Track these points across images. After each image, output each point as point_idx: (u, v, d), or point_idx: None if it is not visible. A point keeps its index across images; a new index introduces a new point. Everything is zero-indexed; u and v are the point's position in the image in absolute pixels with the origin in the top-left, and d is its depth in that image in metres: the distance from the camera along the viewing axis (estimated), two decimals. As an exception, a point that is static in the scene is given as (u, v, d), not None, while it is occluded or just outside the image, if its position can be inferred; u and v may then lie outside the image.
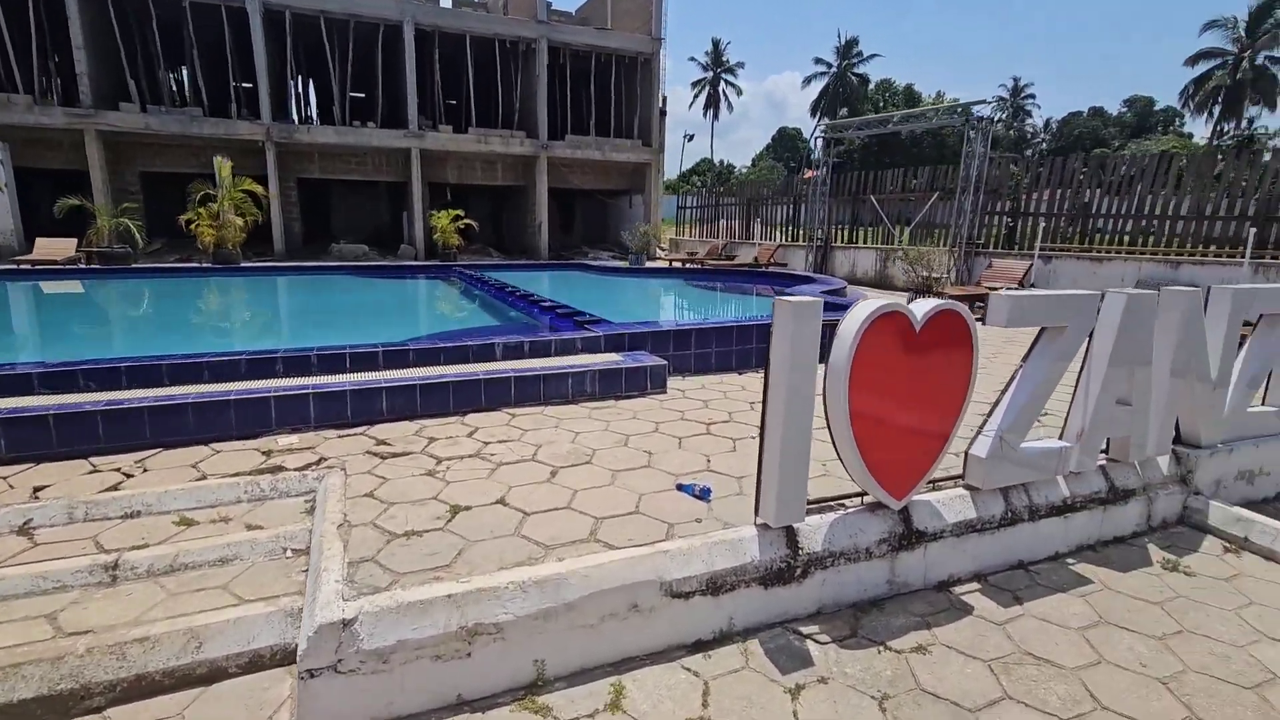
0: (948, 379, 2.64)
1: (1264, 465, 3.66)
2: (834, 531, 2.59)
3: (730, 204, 18.58)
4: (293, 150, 17.76)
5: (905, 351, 2.52)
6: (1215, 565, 3.05)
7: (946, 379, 2.64)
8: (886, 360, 2.49)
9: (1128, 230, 9.47)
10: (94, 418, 3.36)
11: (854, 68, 64.69)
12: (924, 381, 2.59)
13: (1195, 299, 3.20)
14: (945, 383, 2.64)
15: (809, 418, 2.41)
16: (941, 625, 2.54)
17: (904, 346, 2.51)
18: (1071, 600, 2.73)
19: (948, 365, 2.62)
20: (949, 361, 2.62)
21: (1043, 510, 3.00)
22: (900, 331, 2.50)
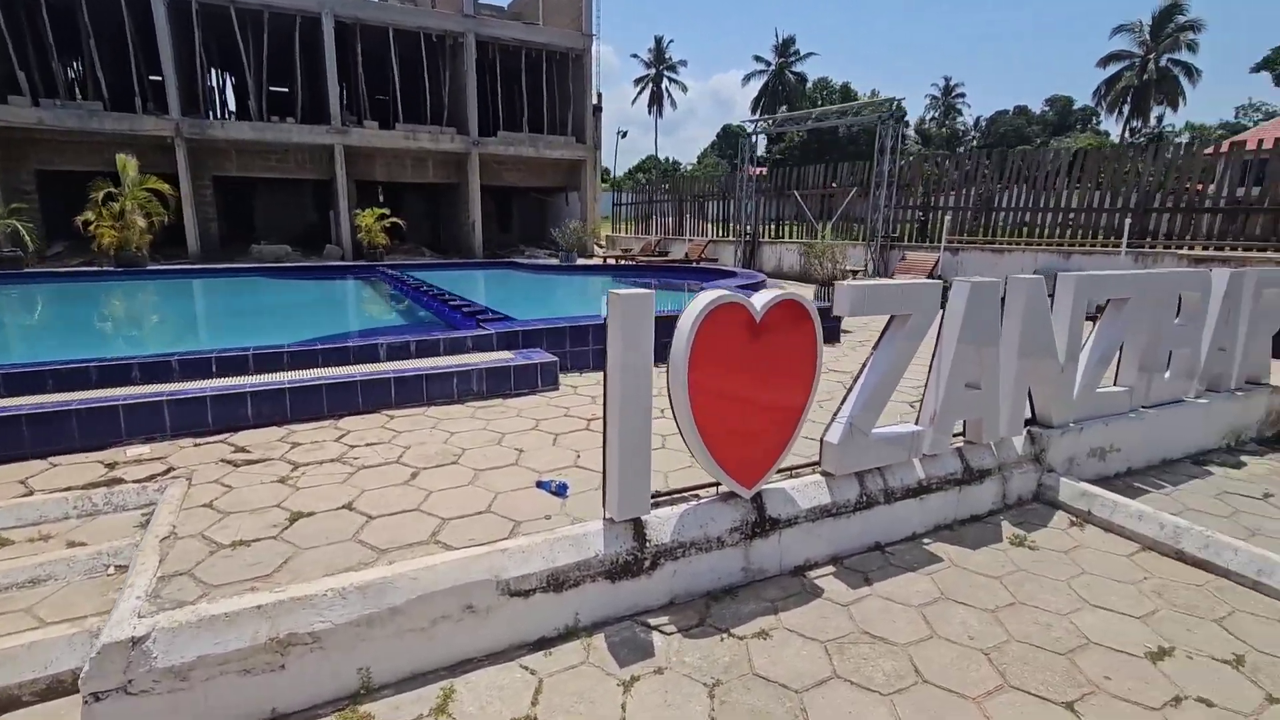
0: (792, 368, 2.69)
1: (1114, 442, 3.88)
2: (684, 522, 2.61)
3: (664, 200, 18.69)
4: (207, 147, 16.92)
5: (746, 342, 2.55)
6: (1059, 539, 3.22)
7: (791, 368, 2.69)
8: (726, 351, 2.52)
9: (1026, 222, 9.98)
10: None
11: (791, 66, 65.95)
12: (768, 372, 2.64)
13: (1038, 285, 3.36)
14: (790, 372, 2.69)
15: (647, 410, 2.42)
16: (789, 609, 2.59)
17: (744, 337, 2.55)
18: (919, 579, 2.83)
19: (791, 355, 2.67)
20: (792, 351, 2.67)
21: (898, 493, 3.10)
22: (740, 322, 2.53)
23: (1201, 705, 2.12)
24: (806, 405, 2.76)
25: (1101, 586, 2.79)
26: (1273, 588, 2.70)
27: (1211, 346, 4.32)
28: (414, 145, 18.71)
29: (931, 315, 3.01)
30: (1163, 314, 3.96)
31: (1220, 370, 4.48)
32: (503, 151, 19.78)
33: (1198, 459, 4.35)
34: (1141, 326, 3.90)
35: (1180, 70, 48.56)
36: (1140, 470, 4.08)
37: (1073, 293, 3.53)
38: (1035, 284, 3.34)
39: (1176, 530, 3.04)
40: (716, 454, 2.59)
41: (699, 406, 2.50)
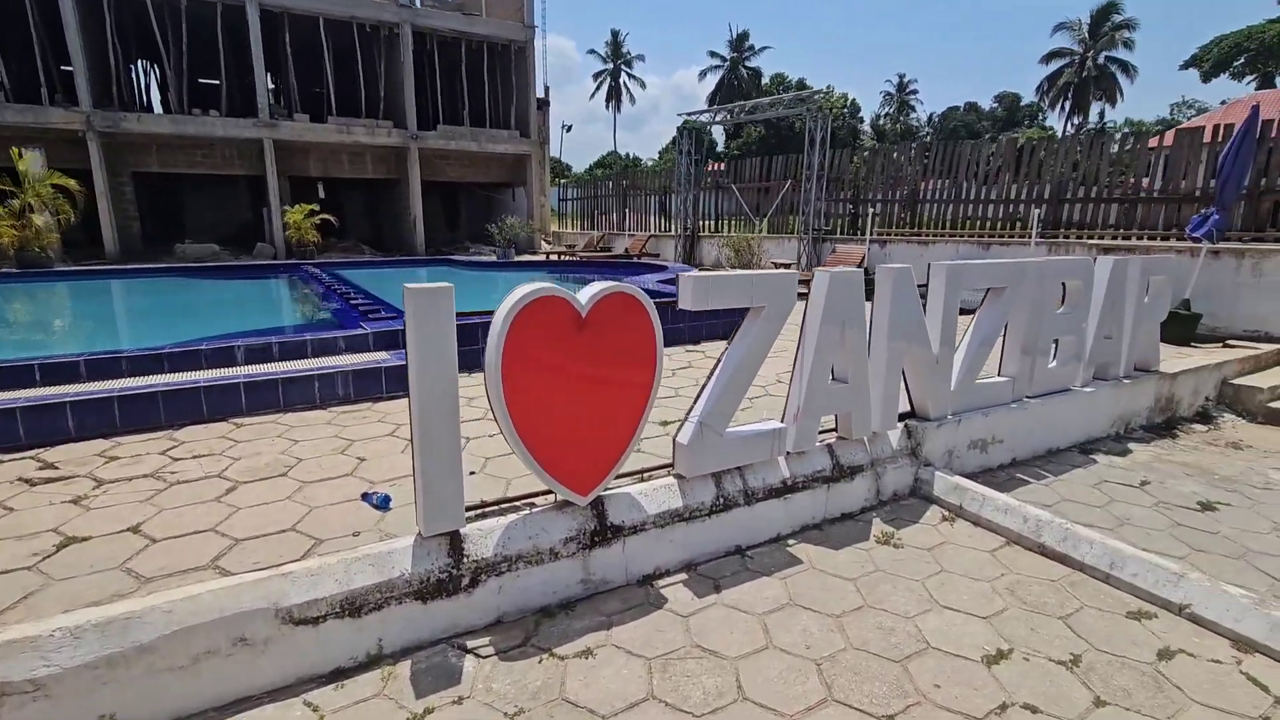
0: (628, 366, 2.52)
1: (996, 433, 3.83)
2: (510, 534, 2.43)
3: (608, 196, 18.47)
4: (123, 142, 16.06)
5: (570, 339, 2.37)
6: (927, 535, 3.13)
7: (626, 366, 2.52)
8: (546, 350, 2.34)
9: (949, 215, 10.09)
10: None
11: (746, 61, 66.29)
12: (599, 370, 2.46)
13: (906, 275, 3.26)
14: (625, 371, 2.52)
15: (451, 414, 2.22)
16: (624, 623, 2.43)
17: (568, 334, 2.37)
18: (771, 584, 2.70)
19: (626, 352, 2.51)
20: (627, 348, 2.51)
21: (760, 493, 2.97)
22: (562, 318, 2.35)
23: (1026, 713, 2.02)
24: (647, 405, 2.60)
25: (956, 585, 2.70)
26: (1123, 581, 2.65)
27: (1097, 335, 4.32)
28: (349, 139, 18.10)
29: (786, 307, 2.88)
30: (1044, 302, 3.92)
31: (1108, 359, 4.49)
32: (443, 146, 19.29)
33: (1085, 448, 4.36)
34: (1021, 315, 3.86)
35: (1118, 67, 50.34)
36: (1025, 461, 4.05)
37: (945, 282, 3.45)
38: (902, 273, 3.25)
39: (1038, 524, 2.98)
40: (544, 460, 2.41)
41: (518, 410, 2.32)
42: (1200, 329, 6.81)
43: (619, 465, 2.60)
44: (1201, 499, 3.61)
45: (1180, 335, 6.61)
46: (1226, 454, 4.44)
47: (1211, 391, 5.39)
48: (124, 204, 16.33)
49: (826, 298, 2.98)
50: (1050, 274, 3.93)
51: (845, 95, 70.01)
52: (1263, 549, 3.11)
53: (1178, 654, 2.30)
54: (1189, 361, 5.40)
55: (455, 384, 2.21)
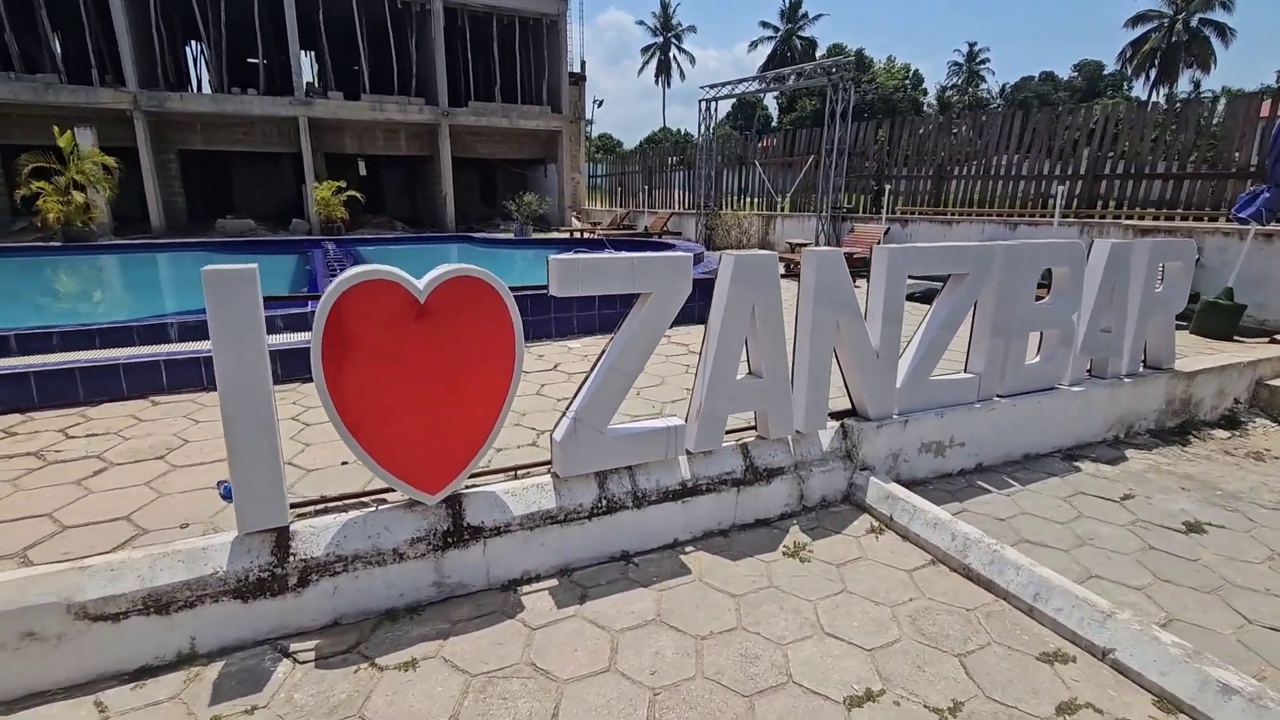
0: (479, 357, 2.31)
1: (955, 435, 3.46)
2: (346, 533, 2.27)
3: (635, 173, 18.09)
4: (168, 120, 16.66)
5: (406, 327, 2.18)
6: (845, 548, 2.83)
7: (477, 357, 2.31)
8: (377, 337, 2.15)
9: (976, 193, 9.32)
10: None
11: (800, 31, 63.85)
12: (445, 361, 2.26)
13: (833, 258, 2.92)
14: (476, 361, 2.31)
15: (265, 404, 2.07)
16: (466, 633, 2.25)
17: (403, 321, 2.17)
18: (645, 596, 2.47)
19: (476, 341, 2.29)
20: (477, 337, 2.29)
21: (653, 495, 2.73)
22: (396, 304, 2.15)
23: (869, 768, 1.75)
24: (506, 398, 2.38)
25: (852, 609, 2.41)
26: (1046, 615, 2.30)
27: (1090, 327, 3.84)
28: (381, 116, 18.27)
29: (679, 293, 2.60)
30: (1017, 291, 3.49)
31: (1104, 354, 4.00)
32: (474, 122, 19.26)
33: (1072, 453, 3.91)
34: (989, 305, 3.45)
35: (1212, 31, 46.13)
36: (993, 467, 3.66)
37: (886, 266, 3.08)
38: (829, 257, 2.91)
39: (965, 543, 2.64)
40: (382, 456, 2.24)
41: (347, 403, 2.14)
42: (1246, 321, 6.09)
43: (475, 462, 2.40)
44: (1190, 519, 3.16)
45: (1220, 328, 5.93)
46: (1242, 465, 3.92)
47: (1243, 393, 4.79)
48: (169, 180, 16.99)
49: (730, 281, 2.69)
50: (1027, 259, 3.48)
51: (907, 66, 66.79)
52: (1245, 582, 2.68)
53: (1083, 709, 1.96)
54: (1217, 358, 4.80)
55: (265, 369, 2.04)
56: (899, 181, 10.14)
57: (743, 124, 73.44)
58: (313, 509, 2.38)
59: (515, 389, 2.40)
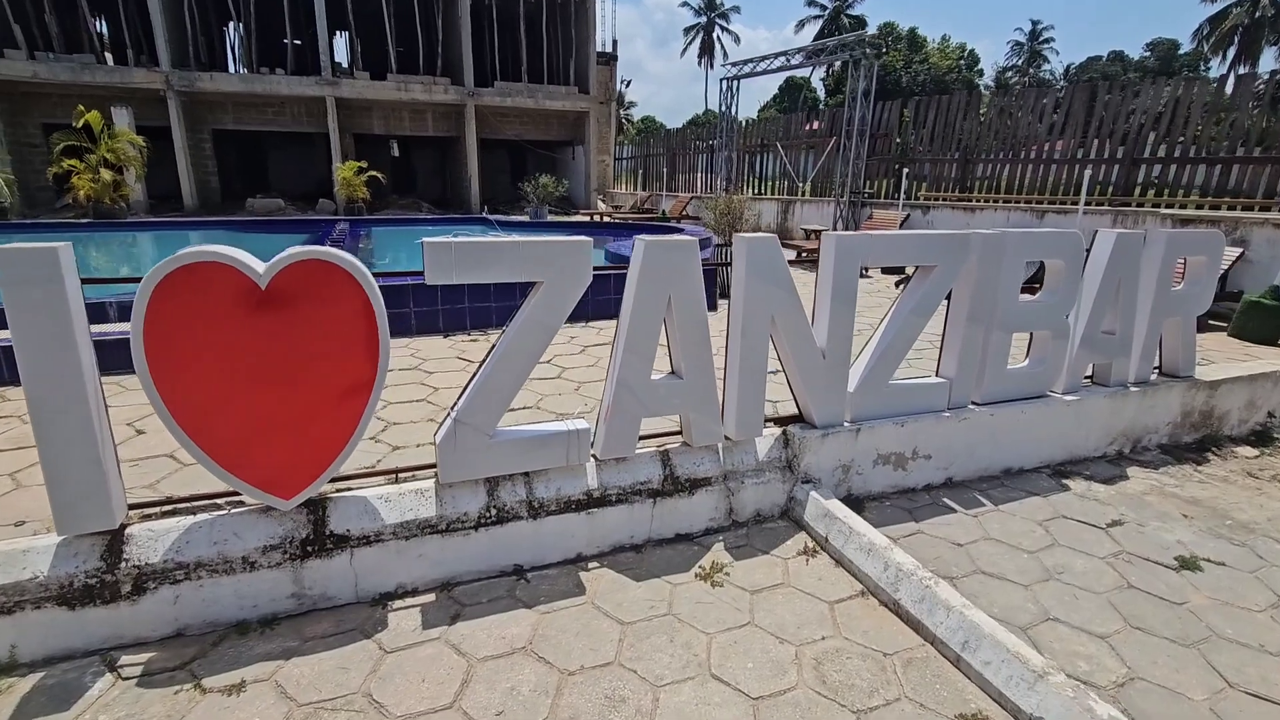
0: (336, 348, 2.08)
1: (919, 446, 3.09)
2: (190, 538, 2.09)
3: (658, 155, 17.67)
4: (201, 100, 16.97)
5: (244, 315, 1.96)
6: (767, 572, 2.53)
7: (334, 349, 2.08)
8: (208, 327, 1.93)
9: (1003, 176, 8.63)
10: None
11: (848, 9, 61.59)
12: (294, 355, 2.03)
13: (767, 245, 2.59)
14: (333, 354, 2.08)
15: (79, 394, 1.88)
16: (312, 654, 2.05)
17: (239, 309, 1.95)
18: (524, 619, 2.23)
19: (332, 332, 2.06)
20: (330, 328, 2.06)
21: (552, 505, 2.48)
22: (229, 289, 1.93)
23: None
24: (371, 396, 2.15)
25: (752, 647, 2.12)
26: (973, 668, 1.97)
27: (1089, 329, 3.41)
28: (407, 97, 18.26)
29: (576, 282, 2.32)
30: (997, 286, 3.08)
31: (1106, 359, 3.56)
32: (500, 103, 19.09)
33: (1063, 469, 3.50)
34: (963, 301, 3.06)
35: (1301, 5, 42.55)
36: (966, 482, 3.28)
37: (834, 255, 2.73)
38: (761, 242, 2.57)
39: (898, 574, 2.31)
40: (224, 458, 2.04)
41: (178, 399, 1.94)
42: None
43: (338, 464, 2.18)
44: (1185, 553, 2.75)
45: (1263, 331, 5.33)
46: (1264, 490, 3.44)
47: (1278, 406, 4.25)
48: (203, 159, 17.35)
49: (642, 269, 2.39)
50: (1011, 249, 3.07)
51: (963, 46, 63.77)
52: (1236, 634, 2.28)
53: (988, 792, 1.64)
54: (1250, 366, 4.26)
55: (79, 358, 1.85)
56: (923, 165, 9.52)
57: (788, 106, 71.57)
58: (159, 510, 2.20)
59: (381, 385, 2.16)
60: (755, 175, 13.47)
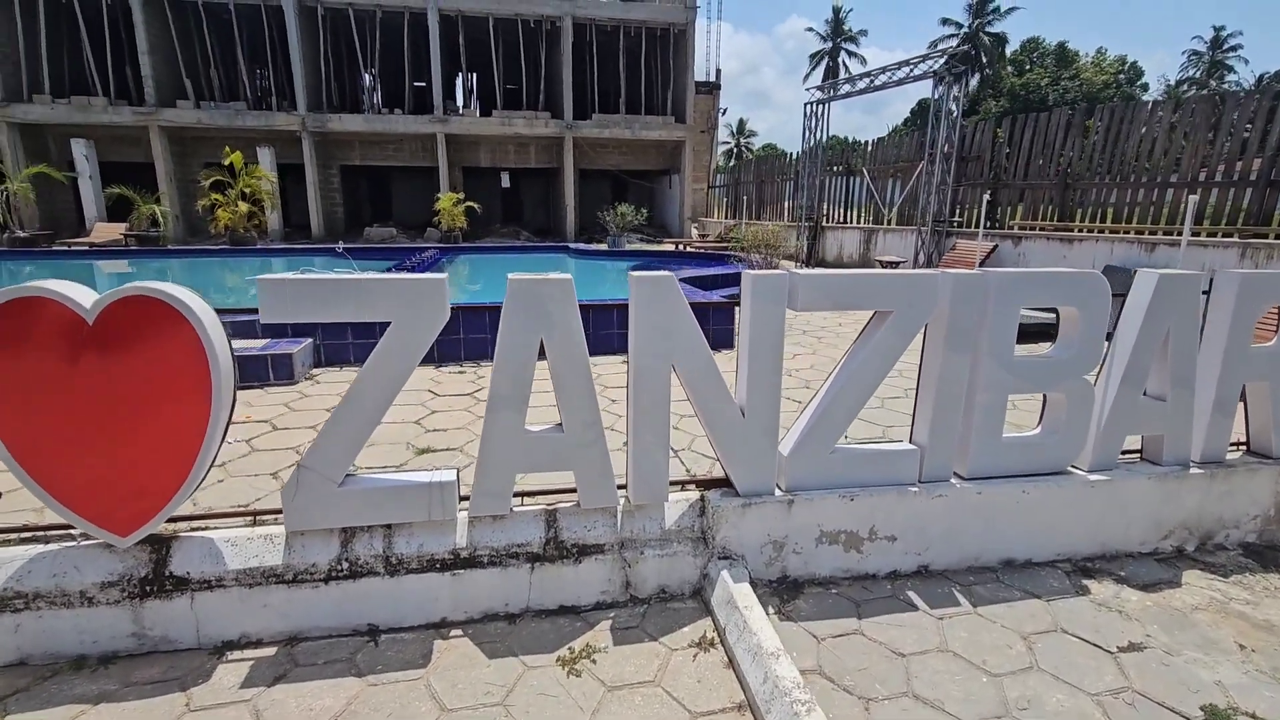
0: (161, 388, 2.03)
1: (878, 526, 2.60)
2: (30, 568, 2.10)
3: (748, 183, 17.26)
4: (331, 139, 18.85)
5: (75, 350, 1.96)
6: (641, 665, 2.17)
7: (160, 389, 2.03)
8: (44, 366, 1.94)
9: (1111, 202, 7.40)
10: None
11: (988, 26, 57.86)
12: (121, 390, 2.00)
13: (663, 281, 2.27)
14: (159, 393, 2.03)
15: (-87, 428, 1.94)
16: (120, 701, 1.97)
17: (70, 344, 1.95)
18: (345, 688, 2.04)
19: (158, 371, 2.02)
20: (159, 366, 2.02)
21: (412, 563, 2.29)
22: (59, 325, 1.94)
23: None
24: (205, 436, 2.08)
25: (568, 761, 1.79)
26: (817, 836, 1.53)
27: (1124, 393, 2.74)
28: (510, 131, 19.23)
29: (428, 322, 2.14)
30: (982, 337, 2.55)
31: (1159, 432, 2.85)
32: (597, 134, 19.62)
33: (1089, 564, 2.82)
34: (935, 355, 2.55)
35: None
36: (949, 572, 2.72)
37: (751, 298, 2.36)
38: (655, 281, 2.27)
39: (774, 690, 1.88)
40: (56, 490, 2.04)
41: (11, 430, 1.97)
42: None
43: (174, 505, 2.12)
44: (1221, 701, 2.07)
45: None
46: (1386, 620, 2.56)
47: None
48: (330, 192, 19.21)
49: (506, 308, 2.18)
50: (996, 293, 2.53)
51: (1123, 59, 57.74)
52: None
53: None
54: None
55: (-87, 392, 1.92)
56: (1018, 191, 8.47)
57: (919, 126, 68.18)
58: (17, 536, 2.25)
59: (217, 426, 2.08)
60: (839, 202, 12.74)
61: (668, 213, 22.00)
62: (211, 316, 2.04)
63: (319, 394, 4.62)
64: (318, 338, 4.82)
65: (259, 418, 4.11)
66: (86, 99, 17.21)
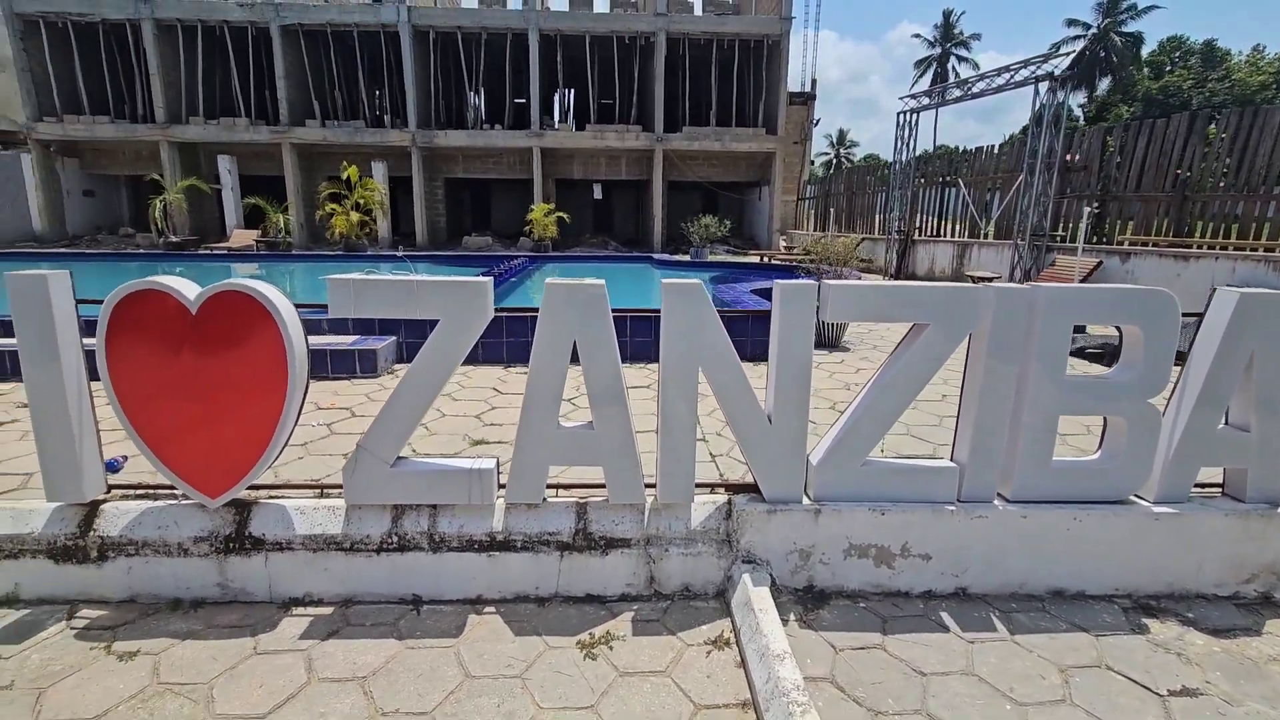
0: (249, 372, 2.35)
1: (912, 543, 2.55)
2: (141, 520, 2.48)
3: (839, 195, 16.83)
4: (438, 153, 20.15)
5: (178, 336, 2.31)
6: (656, 656, 2.26)
7: (250, 370, 2.35)
8: (155, 346, 2.31)
9: (1238, 213, 6.60)
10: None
11: (1120, 26, 53.34)
12: (216, 371, 2.34)
13: (693, 289, 2.37)
14: (245, 375, 2.35)
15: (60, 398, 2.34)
16: (201, 639, 2.29)
17: (177, 329, 2.30)
18: (386, 648, 2.26)
19: (246, 356, 2.34)
20: (247, 352, 2.33)
21: (453, 542, 2.50)
22: (169, 313, 2.30)
23: None
24: (281, 416, 2.38)
25: None
26: (794, 832, 1.57)
27: (1197, 420, 2.55)
28: (602, 144, 19.81)
29: (472, 322, 2.35)
30: (1032, 354, 2.46)
31: (1243, 465, 2.63)
32: (687, 146, 19.83)
33: (1153, 603, 2.63)
34: (977, 372, 2.49)
35: None
36: (990, 597, 2.62)
37: (780, 308, 2.40)
38: (685, 289, 2.36)
39: (775, 690, 1.92)
40: (163, 454, 2.40)
41: (130, 402, 2.35)
42: None
43: (255, 473, 2.43)
44: None
45: None
46: None
47: None
48: (435, 203, 20.52)
49: (543, 311, 2.35)
50: (1045, 309, 2.43)
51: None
52: None
53: None
54: None
55: (60, 368, 2.32)
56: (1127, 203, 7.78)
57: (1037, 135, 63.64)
58: (135, 493, 2.64)
59: (293, 407, 2.38)
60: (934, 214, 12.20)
61: (757, 225, 21.86)
62: (292, 312, 2.34)
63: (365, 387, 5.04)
64: (400, 335, 5.28)
65: (341, 404, 4.54)
66: (232, 120, 19.42)
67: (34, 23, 18.52)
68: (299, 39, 19.28)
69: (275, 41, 18.53)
